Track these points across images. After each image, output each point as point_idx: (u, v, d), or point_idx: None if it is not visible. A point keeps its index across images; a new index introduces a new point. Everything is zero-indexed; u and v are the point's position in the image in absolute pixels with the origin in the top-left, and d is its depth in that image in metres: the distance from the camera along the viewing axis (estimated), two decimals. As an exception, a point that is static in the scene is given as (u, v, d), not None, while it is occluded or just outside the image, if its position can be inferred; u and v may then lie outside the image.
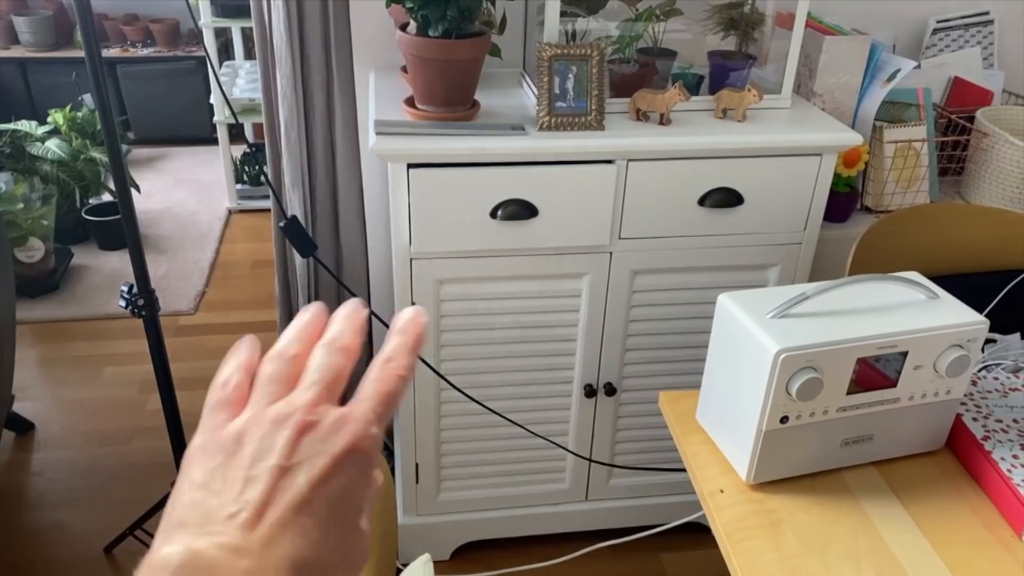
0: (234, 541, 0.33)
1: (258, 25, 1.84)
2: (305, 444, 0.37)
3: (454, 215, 1.44)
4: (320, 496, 0.36)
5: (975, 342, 0.94)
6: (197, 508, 0.35)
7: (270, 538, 0.34)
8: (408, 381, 0.41)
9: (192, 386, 2.42)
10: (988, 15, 1.94)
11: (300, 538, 0.35)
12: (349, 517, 0.37)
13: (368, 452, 0.38)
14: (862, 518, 0.92)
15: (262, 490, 0.35)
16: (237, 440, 0.37)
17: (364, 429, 0.38)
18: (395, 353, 0.41)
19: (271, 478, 0.36)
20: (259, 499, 0.35)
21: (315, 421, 0.38)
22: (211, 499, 0.35)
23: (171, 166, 4.02)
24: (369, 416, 0.39)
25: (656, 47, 1.65)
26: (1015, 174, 1.73)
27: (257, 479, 0.36)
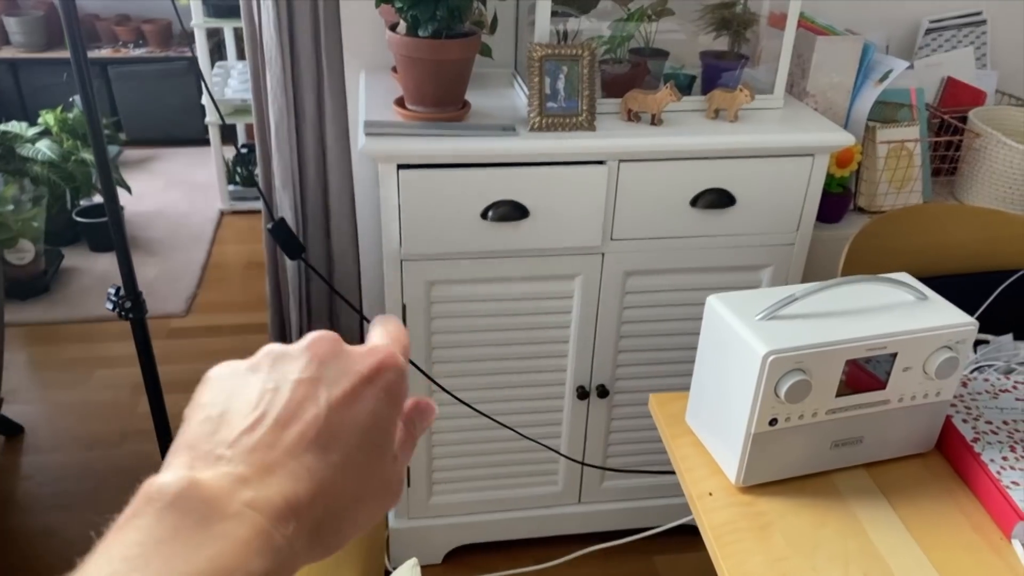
0: (239, 469, 0.31)
1: (248, 25, 1.83)
2: (331, 365, 0.35)
3: (445, 216, 1.43)
4: (343, 418, 0.33)
5: (964, 343, 0.93)
6: (207, 427, 0.33)
7: (280, 462, 0.31)
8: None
9: (183, 389, 2.40)
10: (981, 15, 1.94)
11: (315, 464, 0.32)
12: (376, 445, 0.35)
13: (396, 377, 0.36)
14: (851, 520, 0.91)
15: (285, 402, 0.33)
16: (254, 365, 0.36)
17: (392, 354, 0.37)
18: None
19: (296, 390, 0.33)
20: (279, 413, 0.32)
21: (339, 344, 0.36)
22: (225, 415, 0.33)
23: (163, 167, 4.01)
24: (395, 349, 0.37)
25: (648, 47, 1.64)
26: (1008, 174, 1.73)
27: (278, 391, 0.33)
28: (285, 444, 0.32)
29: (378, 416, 0.35)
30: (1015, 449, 0.97)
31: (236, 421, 0.33)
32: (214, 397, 0.35)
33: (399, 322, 0.42)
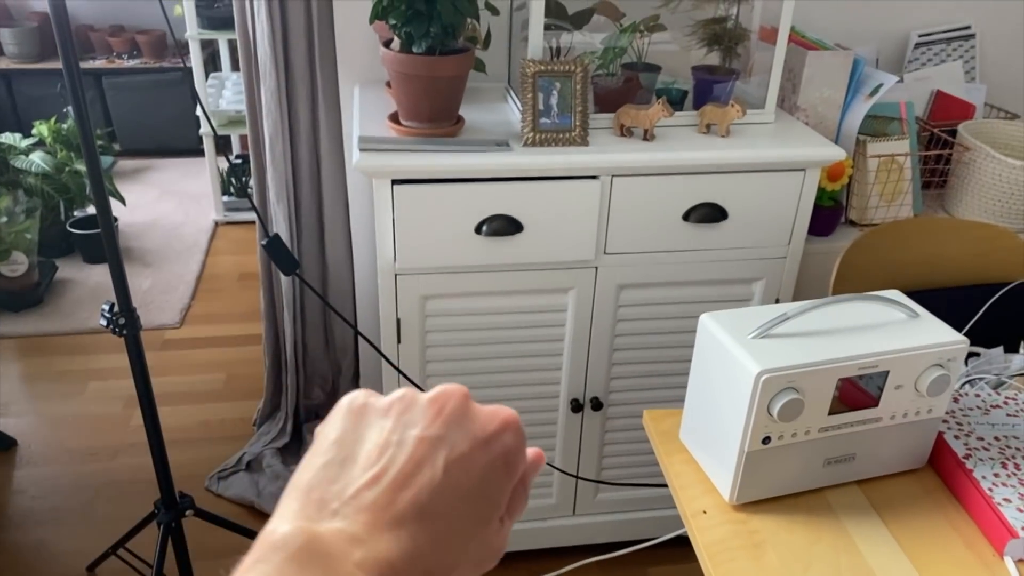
0: (354, 528, 0.32)
1: (242, 38, 1.84)
2: (454, 424, 0.35)
3: (439, 231, 1.43)
4: (457, 482, 0.34)
5: (955, 361, 0.94)
6: (329, 473, 0.33)
7: (389, 525, 0.32)
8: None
9: (177, 401, 2.42)
10: (969, 29, 1.95)
11: (418, 530, 0.33)
12: (482, 513, 0.35)
13: (514, 443, 0.37)
14: (844, 538, 0.92)
15: (404, 461, 0.33)
16: (387, 409, 0.36)
17: (514, 417, 0.37)
18: None
19: (417, 449, 0.34)
20: (398, 471, 0.33)
21: (468, 403, 0.36)
22: (345, 465, 0.33)
23: (157, 178, 4.01)
24: (517, 416, 0.38)
25: (640, 62, 1.65)
26: (998, 188, 1.74)
27: (401, 445, 0.34)
28: (397, 508, 0.33)
29: (488, 483, 0.35)
30: (1007, 466, 0.98)
31: (356, 474, 0.33)
32: (341, 436, 0.35)
33: None
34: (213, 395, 2.46)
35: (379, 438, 0.34)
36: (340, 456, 0.34)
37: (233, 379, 2.52)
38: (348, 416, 0.36)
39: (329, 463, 0.33)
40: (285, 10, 1.75)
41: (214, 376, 2.53)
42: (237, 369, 2.57)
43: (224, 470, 2.12)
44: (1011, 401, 1.11)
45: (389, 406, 0.36)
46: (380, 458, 0.33)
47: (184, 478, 2.00)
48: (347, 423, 0.35)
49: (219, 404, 2.42)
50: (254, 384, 2.44)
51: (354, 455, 0.34)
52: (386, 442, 0.34)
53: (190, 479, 2.07)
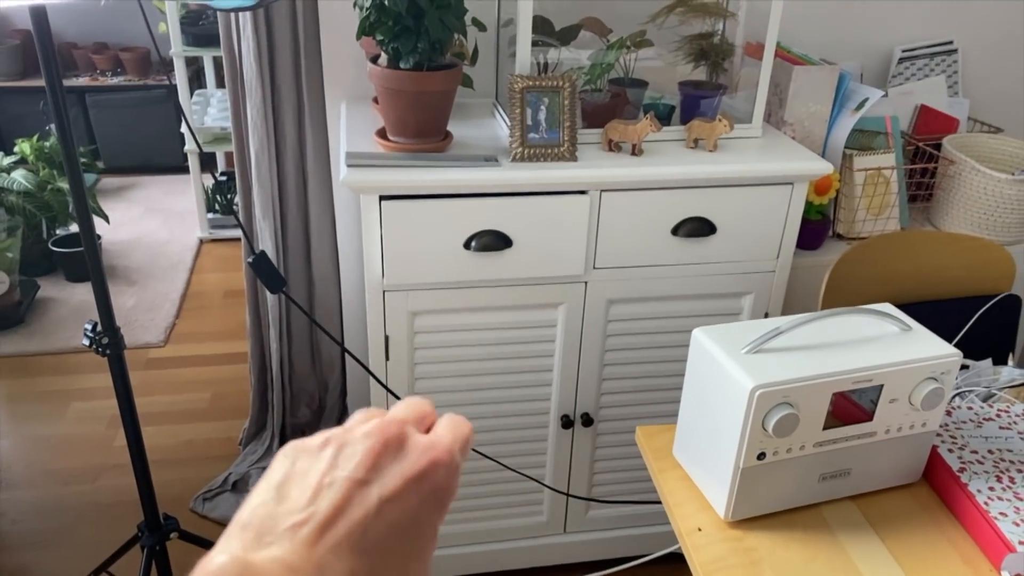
0: (290, 558, 0.32)
1: (227, 55, 1.82)
2: (386, 459, 0.36)
3: (427, 247, 1.42)
4: (389, 518, 0.35)
5: (949, 374, 0.94)
6: (264, 511, 0.34)
7: (325, 559, 0.33)
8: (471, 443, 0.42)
9: (161, 421, 2.38)
10: (952, 44, 1.97)
11: (355, 564, 0.33)
12: (415, 548, 0.36)
13: (448, 478, 0.37)
14: (841, 554, 0.91)
15: (333, 501, 0.34)
16: (321, 446, 0.37)
17: (449, 453, 0.38)
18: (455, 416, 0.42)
19: (344, 489, 0.35)
20: (327, 512, 0.34)
21: (403, 436, 0.37)
22: (281, 504, 0.34)
23: (141, 195, 3.98)
24: (452, 448, 0.38)
25: (627, 77, 1.65)
26: (983, 201, 1.75)
27: (331, 487, 0.35)
28: (328, 542, 0.33)
29: (419, 521, 0.36)
30: (1001, 479, 0.98)
31: (290, 511, 0.34)
32: (279, 480, 0.36)
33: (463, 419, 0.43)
34: (198, 414, 2.43)
35: (313, 480, 0.35)
36: (276, 496, 0.35)
37: (218, 398, 2.49)
38: (285, 460, 0.37)
39: (265, 503, 0.35)
40: (271, 26, 1.74)
41: (199, 395, 2.50)
42: (222, 388, 2.53)
43: (210, 491, 2.08)
44: (1003, 414, 1.11)
45: (324, 445, 0.37)
46: (313, 500, 0.34)
47: (169, 499, 1.96)
48: (284, 466, 0.36)
49: (204, 424, 2.39)
50: (240, 403, 2.41)
51: (289, 495, 0.35)
52: (319, 484, 0.35)
53: (175, 500, 2.04)
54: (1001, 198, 1.73)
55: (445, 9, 1.36)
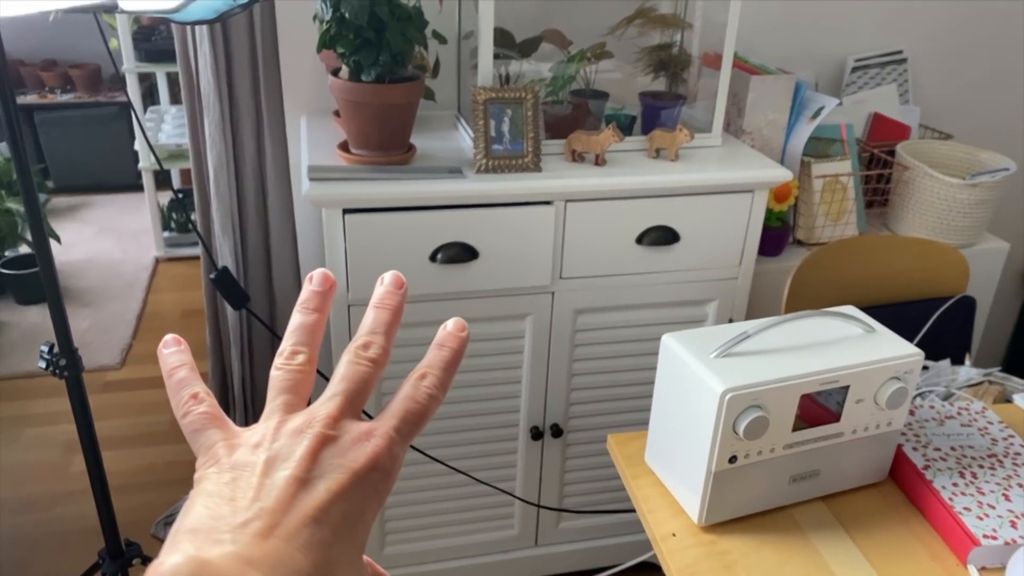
0: (246, 551, 0.31)
1: (184, 71, 1.80)
2: (325, 457, 0.35)
3: (393, 260, 1.41)
4: (337, 511, 0.34)
5: (912, 374, 0.96)
6: (209, 514, 0.33)
7: (282, 550, 0.32)
8: (440, 402, 0.40)
9: (120, 445, 2.32)
10: (902, 54, 2.03)
11: (312, 554, 0.32)
12: (358, 538, 0.35)
13: (388, 471, 0.36)
14: (813, 555, 0.92)
15: (277, 497, 0.33)
16: (254, 449, 0.35)
17: (387, 447, 0.36)
18: (430, 369, 0.40)
19: (287, 487, 0.34)
20: (274, 506, 0.33)
21: (335, 436, 0.36)
22: (224, 506, 0.33)
23: (94, 215, 3.89)
24: (392, 435, 0.37)
25: (589, 88, 1.66)
26: (936, 205, 1.80)
27: (272, 487, 0.34)
28: (283, 533, 0.32)
29: (364, 510, 0.35)
30: (964, 475, 1.00)
31: (235, 513, 0.33)
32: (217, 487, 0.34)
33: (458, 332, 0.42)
34: (158, 438, 2.37)
35: (253, 481, 0.34)
36: (219, 501, 0.34)
37: (179, 420, 2.44)
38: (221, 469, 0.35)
39: (207, 507, 0.33)
40: (228, 41, 1.72)
41: (159, 418, 2.44)
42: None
43: (172, 515, 2.03)
44: (963, 412, 1.13)
45: (256, 448, 0.36)
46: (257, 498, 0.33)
47: (130, 525, 1.91)
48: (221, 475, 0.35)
49: (165, 447, 2.33)
50: (201, 424, 2.36)
51: (233, 498, 0.34)
52: (259, 484, 0.34)
53: (136, 526, 1.99)
54: (954, 202, 1.78)
55: (406, 22, 1.36)
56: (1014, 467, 1.02)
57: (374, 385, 0.39)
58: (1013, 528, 0.92)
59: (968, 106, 2.16)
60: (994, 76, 2.16)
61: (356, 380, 0.39)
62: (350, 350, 0.40)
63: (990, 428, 1.09)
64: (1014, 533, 0.91)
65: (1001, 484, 0.99)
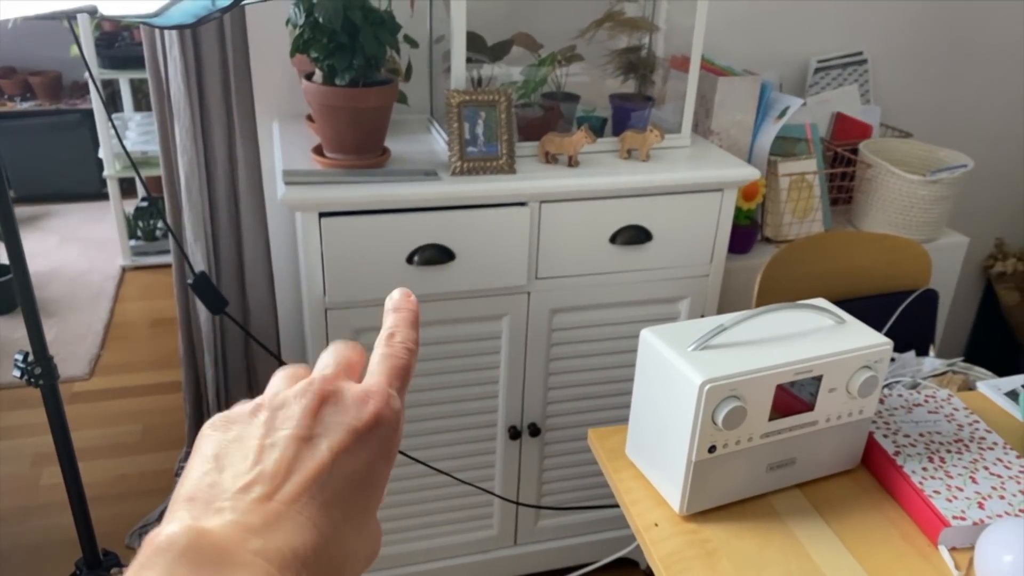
0: (245, 519, 0.30)
1: (153, 76, 1.79)
2: (327, 414, 0.35)
3: (369, 263, 1.42)
4: (343, 471, 0.33)
5: (882, 363, 0.99)
6: (207, 480, 0.32)
7: (285, 514, 0.31)
8: (416, 355, 0.40)
9: (91, 456, 2.29)
10: (862, 55, 2.08)
11: (318, 517, 0.32)
12: (370, 499, 0.35)
13: (393, 426, 0.36)
14: (792, 540, 0.95)
15: (279, 458, 0.33)
16: (254, 412, 0.35)
17: (387, 400, 0.36)
18: (396, 328, 0.41)
19: (290, 447, 0.33)
20: (275, 468, 0.32)
21: (336, 391, 0.36)
22: (224, 471, 0.32)
23: (57, 224, 3.83)
24: (388, 389, 0.37)
25: (560, 91, 1.69)
26: (898, 201, 1.85)
27: (274, 447, 0.33)
28: (284, 497, 0.32)
29: (372, 469, 0.35)
30: (933, 459, 1.03)
31: (238, 474, 0.32)
32: (216, 450, 0.34)
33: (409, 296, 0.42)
34: (130, 447, 2.34)
35: (253, 443, 0.33)
36: (216, 466, 0.33)
37: (151, 429, 2.41)
38: (218, 429, 0.35)
39: (208, 472, 0.33)
40: (199, 46, 1.72)
41: (130, 427, 2.41)
42: (154, 419, 2.45)
43: (146, 525, 2.01)
44: (930, 399, 1.17)
45: (256, 410, 0.35)
46: (258, 460, 0.33)
47: (103, 536, 1.88)
48: (219, 435, 0.35)
49: (137, 456, 2.30)
50: (174, 433, 2.34)
51: (230, 463, 0.33)
52: (260, 446, 0.33)
53: (109, 537, 1.96)
54: (915, 198, 1.83)
55: (379, 26, 1.37)
56: (979, 451, 1.06)
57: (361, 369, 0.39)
58: (980, 509, 0.95)
59: (926, 105, 2.23)
60: (951, 76, 2.22)
61: (344, 358, 0.39)
62: (333, 342, 0.40)
63: (956, 414, 1.13)
64: (981, 513, 0.95)
65: (968, 467, 1.02)
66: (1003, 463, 1.03)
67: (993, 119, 2.33)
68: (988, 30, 2.19)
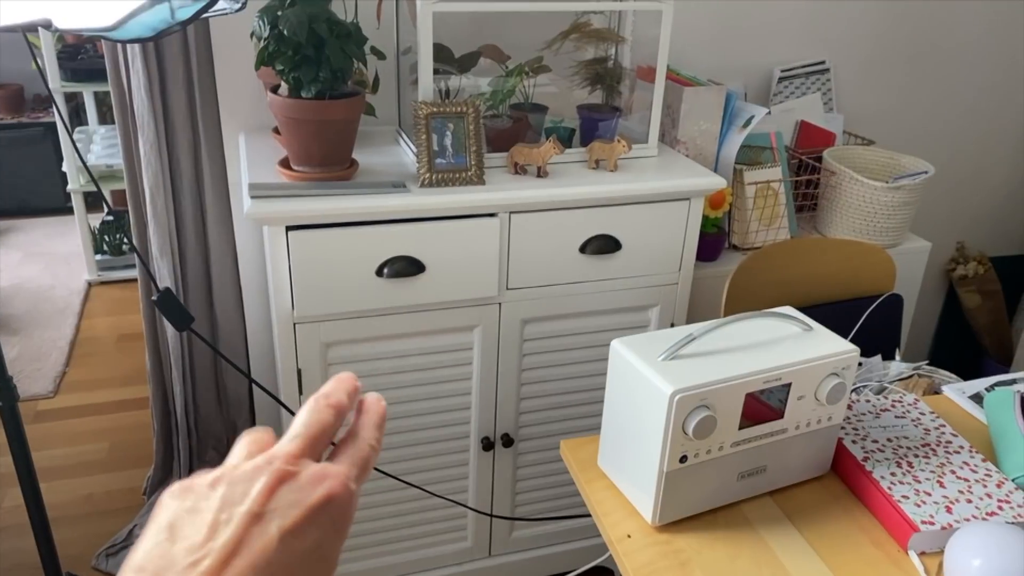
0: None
1: (116, 89, 1.76)
2: (282, 493, 0.35)
3: (339, 276, 1.41)
4: (291, 549, 0.34)
5: (849, 369, 1.00)
6: (158, 551, 0.33)
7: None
8: (378, 454, 0.41)
9: (56, 476, 2.25)
10: (824, 64, 2.11)
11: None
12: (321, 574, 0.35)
13: (345, 507, 0.37)
14: (763, 548, 0.95)
15: (230, 536, 0.33)
16: (212, 485, 0.36)
17: (343, 483, 0.37)
18: (363, 428, 0.41)
19: (242, 524, 0.34)
20: (226, 546, 0.33)
21: (294, 471, 0.36)
22: (176, 544, 0.33)
23: (19, 239, 3.76)
24: (347, 472, 0.38)
25: (528, 102, 1.69)
26: (862, 208, 1.88)
27: (227, 523, 0.34)
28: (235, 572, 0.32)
29: (322, 547, 0.35)
30: (901, 464, 1.04)
31: (186, 552, 0.33)
32: (171, 520, 0.34)
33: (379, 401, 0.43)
34: (96, 466, 2.30)
35: (208, 517, 0.34)
36: (170, 537, 0.34)
37: (118, 447, 2.37)
38: (176, 498, 0.36)
39: (160, 543, 0.33)
40: (162, 59, 1.70)
41: (96, 446, 2.37)
42: (121, 436, 2.41)
43: (113, 546, 1.97)
44: (897, 404, 1.18)
45: (214, 483, 0.36)
46: (211, 536, 0.33)
47: (69, 558, 1.85)
48: (176, 505, 0.35)
49: (104, 475, 2.26)
50: (142, 451, 2.30)
51: (183, 535, 0.34)
52: (215, 521, 0.34)
53: (76, 559, 1.92)
54: (878, 204, 1.86)
55: (346, 38, 1.36)
56: (946, 455, 1.07)
57: (334, 431, 0.40)
58: (948, 513, 0.97)
59: (888, 113, 2.27)
60: (911, 84, 2.26)
61: (317, 424, 0.39)
62: (313, 398, 0.41)
63: (922, 419, 1.15)
64: (949, 518, 0.96)
65: (935, 472, 1.04)
66: (969, 467, 1.05)
67: (952, 126, 2.38)
68: (947, 39, 2.23)
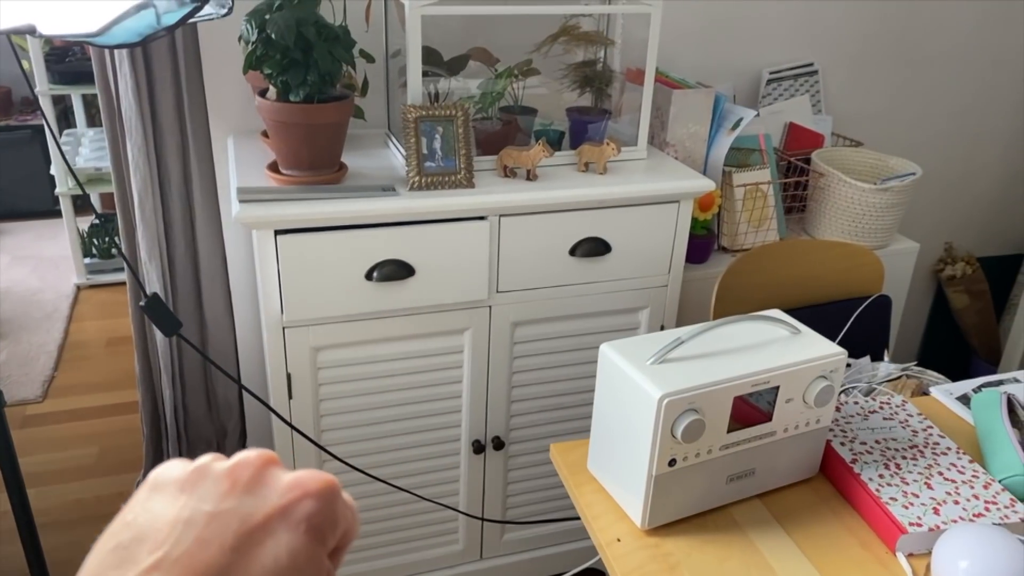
0: None
1: (103, 93, 1.75)
2: (248, 495, 0.33)
3: (328, 280, 1.40)
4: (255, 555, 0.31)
5: (837, 372, 1.00)
6: (116, 555, 0.31)
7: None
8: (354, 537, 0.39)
9: (45, 481, 2.23)
10: (813, 66, 2.12)
11: None
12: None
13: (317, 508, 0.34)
14: (752, 551, 0.95)
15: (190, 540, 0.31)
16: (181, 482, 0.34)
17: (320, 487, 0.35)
18: None
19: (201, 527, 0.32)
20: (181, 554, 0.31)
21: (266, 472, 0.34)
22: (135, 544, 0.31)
23: (7, 243, 3.74)
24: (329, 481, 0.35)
25: (517, 105, 1.69)
26: (850, 209, 1.88)
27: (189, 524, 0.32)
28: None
29: (295, 554, 0.33)
30: (889, 466, 1.05)
31: (142, 556, 0.31)
32: (135, 516, 0.33)
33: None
34: (86, 471, 2.29)
35: (170, 515, 0.32)
36: (129, 536, 0.32)
37: (107, 452, 2.36)
38: (144, 492, 0.34)
39: (118, 546, 0.31)
40: (150, 62, 1.69)
41: (85, 451, 2.36)
42: (111, 441, 2.40)
43: (102, 551, 1.96)
44: (885, 406, 1.19)
45: (184, 479, 0.34)
46: (167, 538, 0.31)
47: (58, 565, 1.83)
48: (143, 500, 0.33)
49: (93, 480, 2.25)
50: (132, 456, 2.29)
51: (144, 535, 0.32)
52: (175, 519, 0.32)
53: (65, 565, 1.91)
54: (867, 206, 1.87)
55: (334, 42, 1.36)
56: (934, 456, 1.07)
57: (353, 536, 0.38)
58: (936, 515, 0.97)
59: (876, 115, 2.28)
60: (899, 86, 2.27)
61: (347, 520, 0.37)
62: None
63: (910, 420, 1.15)
64: (937, 519, 0.96)
65: (923, 473, 1.04)
66: (956, 468, 1.05)
67: (940, 128, 2.39)
68: (935, 41, 2.24)
